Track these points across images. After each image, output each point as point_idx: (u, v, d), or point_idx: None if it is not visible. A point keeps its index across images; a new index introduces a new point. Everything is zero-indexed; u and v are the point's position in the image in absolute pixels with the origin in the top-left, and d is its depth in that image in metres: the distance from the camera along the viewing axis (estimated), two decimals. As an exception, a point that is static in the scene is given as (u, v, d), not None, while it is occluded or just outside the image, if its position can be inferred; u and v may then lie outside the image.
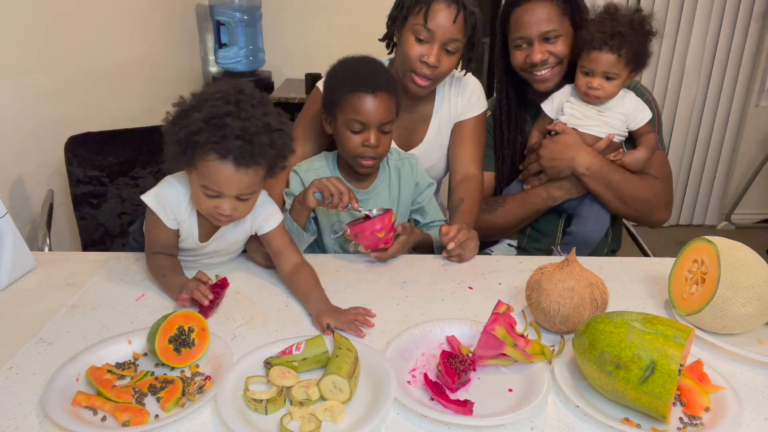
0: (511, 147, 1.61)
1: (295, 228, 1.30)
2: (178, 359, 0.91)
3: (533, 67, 1.46)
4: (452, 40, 1.34)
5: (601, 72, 1.40)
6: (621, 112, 1.46)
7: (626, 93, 1.47)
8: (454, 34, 1.33)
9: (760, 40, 3.30)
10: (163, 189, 1.17)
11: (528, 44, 1.45)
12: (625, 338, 0.81)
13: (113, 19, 2.25)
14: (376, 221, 1.23)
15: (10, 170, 1.65)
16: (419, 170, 1.46)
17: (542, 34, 1.42)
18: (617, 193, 1.46)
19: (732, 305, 0.95)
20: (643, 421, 0.81)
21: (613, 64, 1.39)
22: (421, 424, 0.81)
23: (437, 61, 1.34)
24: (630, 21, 1.39)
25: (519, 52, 1.47)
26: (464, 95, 1.52)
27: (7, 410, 0.82)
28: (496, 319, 0.91)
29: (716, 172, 3.58)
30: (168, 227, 1.17)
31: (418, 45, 1.35)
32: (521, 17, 1.44)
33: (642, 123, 1.46)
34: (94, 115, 2.05)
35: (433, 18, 1.32)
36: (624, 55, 1.38)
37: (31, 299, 1.13)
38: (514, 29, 1.47)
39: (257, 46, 3.16)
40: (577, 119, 1.47)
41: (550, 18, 1.42)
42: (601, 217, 1.51)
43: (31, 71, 1.83)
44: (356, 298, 1.13)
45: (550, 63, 1.45)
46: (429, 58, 1.34)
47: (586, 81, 1.43)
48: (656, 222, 1.56)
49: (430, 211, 1.49)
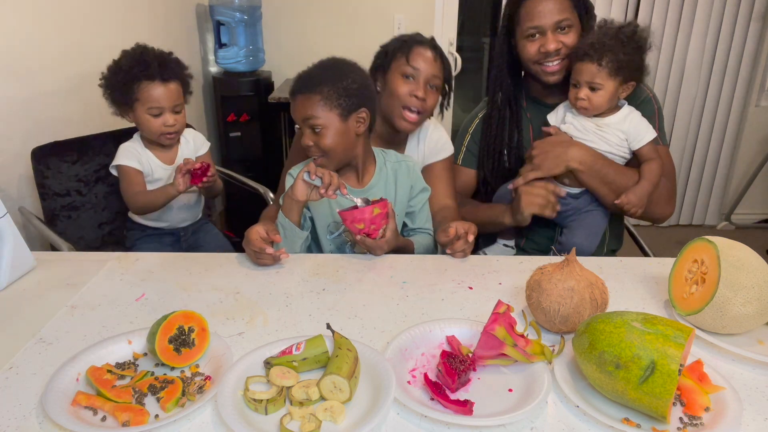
0: (500, 142, 1.62)
1: (288, 224, 1.31)
2: (178, 359, 0.91)
3: (546, 57, 1.47)
4: (434, 76, 1.48)
5: (585, 82, 1.41)
6: (621, 130, 1.44)
7: (630, 111, 1.46)
8: (435, 71, 1.48)
9: (760, 40, 3.30)
10: (119, 150, 1.65)
11: (541, 34, 1.46)
12: (625, 338, 0.81)
13: (113, 19, 2.25)
14: (359, 212, 1.24)
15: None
16: (415, 173, 1.48)
17: (556, 23, 1.45)
18: (613, 187, 1.46)
19: (732, 305, 0.95)
20: (643, 421, 0.81)
21: (594, 74, 1.39)
22: (421, 424, 0.81)
23: (425, 95, 1.47)
24: (617, 32, 1.39)
25: (531, 43, 1.49)
26: (430, 141, 1.60)
27: (7, 410, 0.82)
28: (496, 319, 0.91)
29: (716, 172, 3.59)
30: (135, 169, 1.63)
31: (405, 83, 1.47)
32: (534, 7, 1.46)
33: (642, 143, 1.43)
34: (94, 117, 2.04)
35: (416, 59, 1.47)
36: (606, 65, 1.37)
37: (31, 299, 1.13)
38: (525, 20, 1.48)
39: (257, 46, 3.17)
40: (577, 131, 1.47)
41: (562, 8, 1.45)
42: (593, 230, 1.52)
43: (32, 71, 1.83)
44: (356, 298, 1.14)
45: (561, 53, 1.47)
46: (417, 92, 1.47)
47: (575, 92, 1.44)
48: (659, 217, 1.55)
49: (419, 217, 1.50)
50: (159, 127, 1.61)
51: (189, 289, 1.17)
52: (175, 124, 1.63)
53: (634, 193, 1.43)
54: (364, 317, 1.07)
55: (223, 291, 1.16)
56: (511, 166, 1.61)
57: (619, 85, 1.41)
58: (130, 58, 1.58)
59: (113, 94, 1.61)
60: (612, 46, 1.37)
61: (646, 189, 1.44)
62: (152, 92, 1.57)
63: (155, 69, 1.56)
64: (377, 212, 1.24)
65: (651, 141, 1.44)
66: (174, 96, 1.61)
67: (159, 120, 1.60)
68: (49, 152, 1.71)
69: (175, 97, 1.61)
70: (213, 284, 1.19)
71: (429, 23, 3.33)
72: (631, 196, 1.43)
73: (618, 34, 1.39)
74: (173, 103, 1.61)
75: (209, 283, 1.19)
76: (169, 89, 1.59)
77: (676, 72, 3.36)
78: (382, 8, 3.26)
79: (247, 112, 3.11)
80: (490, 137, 1.62)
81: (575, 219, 1.53)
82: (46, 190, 1.70)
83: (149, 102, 1.58)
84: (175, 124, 1.63)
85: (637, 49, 1.40)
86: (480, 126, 1.66)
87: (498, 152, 1.62)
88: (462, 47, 3.48)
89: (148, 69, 1.56)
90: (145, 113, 1.59)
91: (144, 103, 1.58)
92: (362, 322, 1.05)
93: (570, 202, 1.52)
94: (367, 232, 1.26)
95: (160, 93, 1.58)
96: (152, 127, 1.61)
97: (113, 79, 1.59)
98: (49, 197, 1.71)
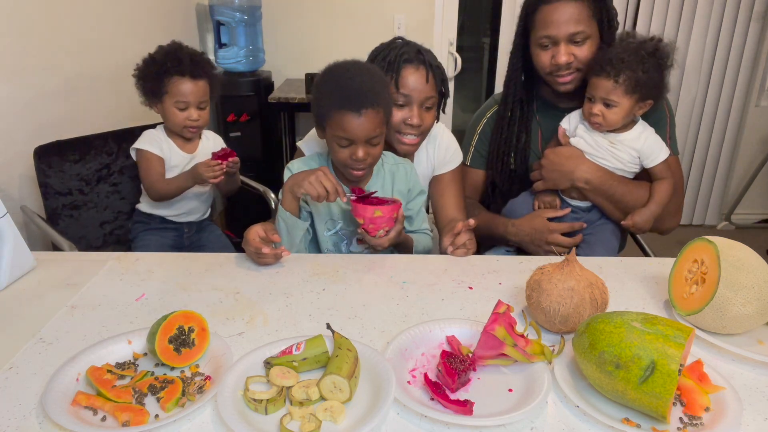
0: (508, 144, 1.59)
1: (288, 216, 1.30)
2: (178, 359, 0.91)
3: (557, 69, 1.43)
4: (428, 98, 1.40)
5: (600, 98, 1.37)
6: (634, 148, 1.41)
7: (644, 129, 1.42)
8: (429, 92, 1.39)
9: (760, 40, 3.30)
10: (142, 136, 1.73)
11: (554, 44, 1.41)
12: (625, 338, 0.81)
13: (113, 19, 2.25)
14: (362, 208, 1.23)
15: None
16: (413, 176, 1.47)
17: (570, 35, 1.38)
18: (619, 206, 1.45)
19: (732, 305, 0.95)
20: (643, 421, 0.81)
21: (610, 91, 1.34)
22: (421, 424, 0.81)
23: (420, 121, 1.40)
24: (637, 48, 1.33)
25: (543, 53, 1.44)
26: (440, 150, 1.56)
27: (7, 410, 0.82)
28: (496, 319, 0.91)
29: (716, 172, 3.59)
30: (156, 155, 1.71)
31: (398, 110, 1.40)
32: (549, 15, 1.39)
33: (655, 162, 1.41)
34: (93, 118, 2.04)
35: (405, 83, 1.38)
36: (622, 82, 1.33)
37: (31, 299, 1.13)
38: (540, 27, 1.42)
39: (257, 46, 3.17)
40: (588, 146, 1.44)
41: (579, 18, 1.38)
42: (610, 246, 1.50)
43: (34, 71, 1.83)
44: (356, 298, 1.14)
45: (573, 67, 1.42)
46: (412, 119, 1.40)
47: (589, 107, 1.40)
48: (665, 230, 1.54)
49: (417, 219, 1.49)
50: (183, 120, 1.70)
51: (189, 289, 1.17)
52: (199, 120, 1.72)
53: (641, 216, 1.42)
54: (364, 317, 1.07)
55: (223, 291, 1.16)
56: (516, 168, 1.60)
57: (635, 102, 1.37)
58: (165, 53, 1.67)
59: (145, 85, 1.69)
60: (630, 62, 1.32)
61: (654, 212, 1.42)
62: (181, 87, 1.67)
63: (187, 65, 1.65)
64: (378, 214, 1.24)
65: (664, 161, 1.41)
66: (201, 93, 1.70)
67: (184, 114, 1.70)
68: (52, 151, 1.72)
69: (202, 93, 1.71)
70: (213, 284, 1.19)
71: (429, 23, 3.33)
72: (637, 218, 1.42)
73: (639, 49, 1.33)
74: (199, 100, 1.70)
75: (209, 283, 1.19)
76: (197, 86, 1.69)
77: (676, 72, 3.36)
78: (382, 8, 3.26)
79: (247, 112, 3.11)
80: (500, 139, 1.60)
81: (591, 233, 1.51)
82: (48, 189, 1.71)
83: (178, 96, 1.67)
84: (199, 119, 1.72)
85: (657, 66, 1.34)
86: (489, 126, 1.64)
87: (506, 154, 1.60)
88: (462, 47, 3.48)
89: (180, 65, 1.65)
90: (172, 106, 1.69)
91: (173, 96, 1.67)
92: (362, 322, 1.05)
93: (581, 215, 1.51)
94: (365, 228, 1.26)
95: (188, 88, 1.67)
96: (177, 119, 1.70)
97: (146, 71, 1.68)
98: (51, 196, 1.72)
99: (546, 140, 1.57)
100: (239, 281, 1.20)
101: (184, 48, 1.69)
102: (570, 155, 1.45)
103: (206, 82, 1.71)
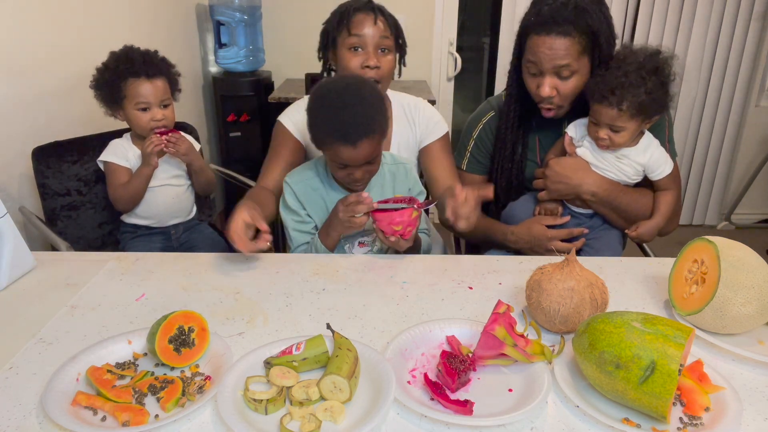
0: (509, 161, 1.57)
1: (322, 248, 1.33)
2: (178, 359, 0.91)
3: (541, 100, 1.42)
4: (382, 38, 1.44)
5: (606, 124, 1.35)
6: (639, 162, 1.40)
7: (650, 143, 1.41)
8: (382, 33, 1.45)
9: (760, 40, 3.31)
10: (108, 147, 1.70)
11: (540, 74, 1.39)
12: (625, 338, 0.81)
13: (113, 19, 2.25)
14: (399, 214, 1.24)
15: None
16: (413, 176, 1.47)
17: (555, 68, 1.36)
18: (623, 215, 1.46)
19: (732, 305, 0.95)
20: (643, 421, 0.81)
21: (615, 118, 1.32)
22: (421, 424, 0.81)
23: (377, 62, 1.44)
24: (639, 68, 1.30)
25: (531, 79, 1.42)
26: (423, 120, 1.59)
27: (7, 410, 0.82)
28: (496, 319, 0.91)
29: (716, 172, 3.59)
30: (123, 167, 1.68)
31: (354, 55, 1.45)
32: (537, 45, 1.36)
33: (661, 176, 1.41)
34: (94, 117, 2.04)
35: (357, 27, 1.44)
36: (627, 108, 1.30)
37: (31, 299, 1.13)
38: (528, 53, 1.40)
39: (257, 46, 3.17)
40: (594, 158, 1.43)
41: (567, 53, 1.34)
42: (615, 251, 1.50)
43: (32, 71, 1.82)
44: (356, 298, 1.14)
45: (555, 102, 1.41)
46: (369, 61, 1.44)
47: (595, 130, 1.38)
48: (665, 233, 1.55)
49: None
50: (147, 122, 1.66)
51: (189, 289, 1.17)
52: (164, 119, 1.68)
53: (645, 228, 1.43)
54: (364, 317, 1.07)
55: (223, 291, 1.16)
56: (514, 179, 1.59)
57: (642, 122, 1.35)
58: (116, 58, 1.64)
59: (102, 94, 1.66)
60: (631, 86, 1.28)
61: (659, 224, 1.43)
62: (138, 88, 1.63)
63: (140, 66, 1.63)
64: (415, 215, 1.25)
65: (669, 174, 1.41)
66: (160, 92, 1.67)
67: (147, 115, 1.66)
68: (50, 152, 1.71)
69: (161, 92, 1.67)
70: (213, 284, 1.19)
71: (429, 23, 3.34)
72: (641, 230, 1.43)
73: (639, 70, 1.29)
74: (160, 99, 1.67)
75: (209, 283, 1.19)
76: (155, 85, 1.65)
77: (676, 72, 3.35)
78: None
79: (247, 112, 3.11)
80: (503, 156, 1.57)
81: (596, 238, 1.51)
82: (47, 189, 1.71)
83: (136, 98, 1.64)
84: (164, 118, 1.68)
85: (660, 85, 1.31)
86: (485, 132, 1.62)
87: (508, 171, 1.59)
88: (462, 47, 3.48)
89: (133, 66, 1.62)
90: (133, 109, 1.65)
91: (131, 99, 1.64)
92: (362, 322, 1.05)
93: (584, 221, 1.51)
94: (401, 234, 1.25)
95: (146, 89, 1.64)
96: (141, 122, 1.66)
97: (101, 79, 1.65)
98: (50, 197, 1.71)
99: (544, 150, 1.56)
100: (239, 281, 1.20)
101: (135, 49, 1.66)
102: (576, 167, 1.44)
103: (164, 80, 1.68)
